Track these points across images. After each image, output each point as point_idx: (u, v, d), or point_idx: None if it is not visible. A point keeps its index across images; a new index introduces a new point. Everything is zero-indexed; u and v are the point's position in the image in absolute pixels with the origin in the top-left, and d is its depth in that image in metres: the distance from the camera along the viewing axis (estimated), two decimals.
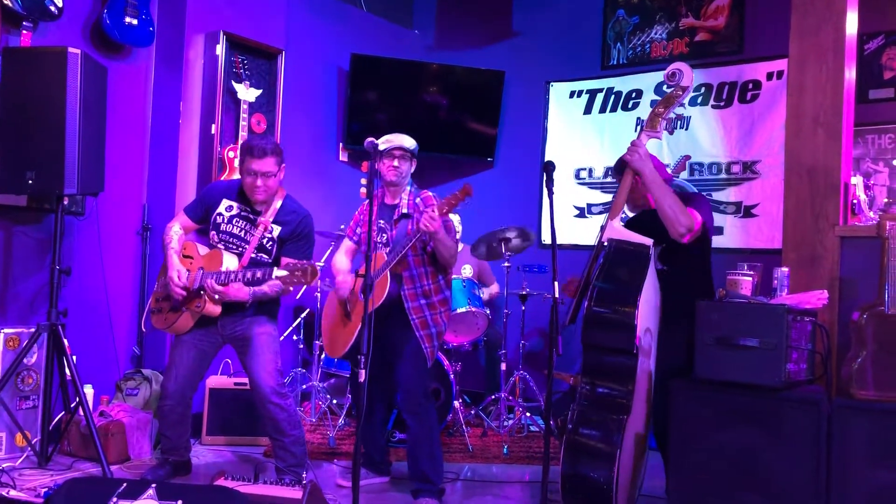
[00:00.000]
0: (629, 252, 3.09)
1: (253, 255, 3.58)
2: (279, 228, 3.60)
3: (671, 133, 3.30)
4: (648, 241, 3.11)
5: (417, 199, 3.61)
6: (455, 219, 5.12)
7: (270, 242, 3.60)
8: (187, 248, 3.67)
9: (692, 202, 3.29)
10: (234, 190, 3.69)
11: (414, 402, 3.52)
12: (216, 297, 3.46)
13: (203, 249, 3.67)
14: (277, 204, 3.63)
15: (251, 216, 3.62)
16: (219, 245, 3.62)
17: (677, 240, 3.18)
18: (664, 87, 3.37)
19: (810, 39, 3.54)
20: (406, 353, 3.54)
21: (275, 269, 3.26)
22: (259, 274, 3.38)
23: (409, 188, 3.66)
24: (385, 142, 3.58)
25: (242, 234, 3.61)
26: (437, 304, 3.60)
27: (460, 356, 5.10)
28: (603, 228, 3.23)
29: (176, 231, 3.67)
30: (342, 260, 3.83)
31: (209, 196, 3.72)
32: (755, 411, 2.94)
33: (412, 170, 3.69)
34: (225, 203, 3.65)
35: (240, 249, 3.59)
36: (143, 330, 4.54)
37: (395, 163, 3.59)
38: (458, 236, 3.63)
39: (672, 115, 3.21)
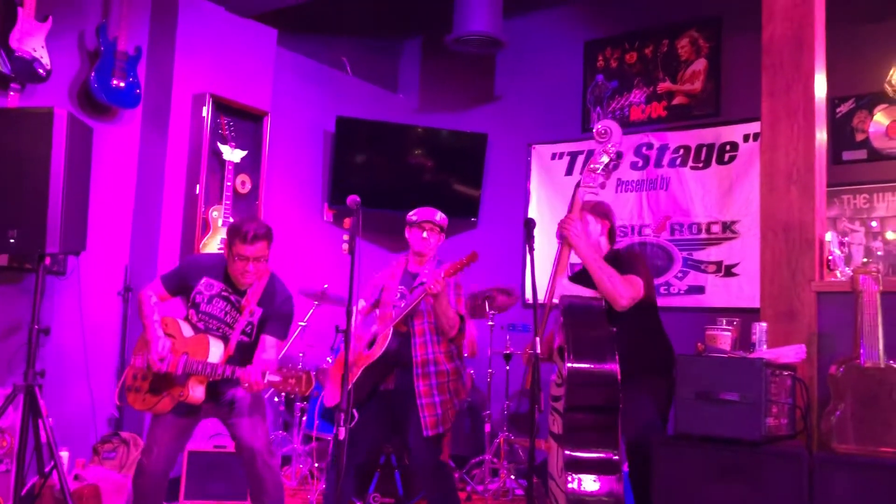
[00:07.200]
0: (585, 307, 3.13)
1: (238, 339, 3.46)
2: (261, 310, 3.49)
3: (603, 188, 3.35)
4: (598, 294, 3.18)
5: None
6: None
7: (250, 327, 3.49)
8: (168, 326, 3.47)
9: (629, 267, 3.28)
10: (217, 269, 3.52)
11: (425, 471, 3.67)
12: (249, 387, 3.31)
13: (186, 330, 3.48)
14: (263, 283, 3.51)
15: (232, 297, 3.49)
16: (198, 324, 3.48)
17: (620, 311, 3.20)
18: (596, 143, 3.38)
19: (781, 99, 3.63)
20: (411, 426, 3.60)
21: (267, 374, 3.19)
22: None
23: (434, 261, 3.78)
24: (415, 214, 3.80)
25: (223, 315, 3.48)
26: (445, 372, 3.64)
27: None
28: (547, 290, 3.26)
29: (155, 301, 3.51)
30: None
31: (188, 270, 3.58)
32: (737, 466, 2.92)
33: (440, 243, 3.84)
34: (205, 281, 3.50)
35: (221, 332, 3.46)
36: (118, 403, 4.47)
37: (425, 234, 3.75)
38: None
39: (602, 170, 3.28)
